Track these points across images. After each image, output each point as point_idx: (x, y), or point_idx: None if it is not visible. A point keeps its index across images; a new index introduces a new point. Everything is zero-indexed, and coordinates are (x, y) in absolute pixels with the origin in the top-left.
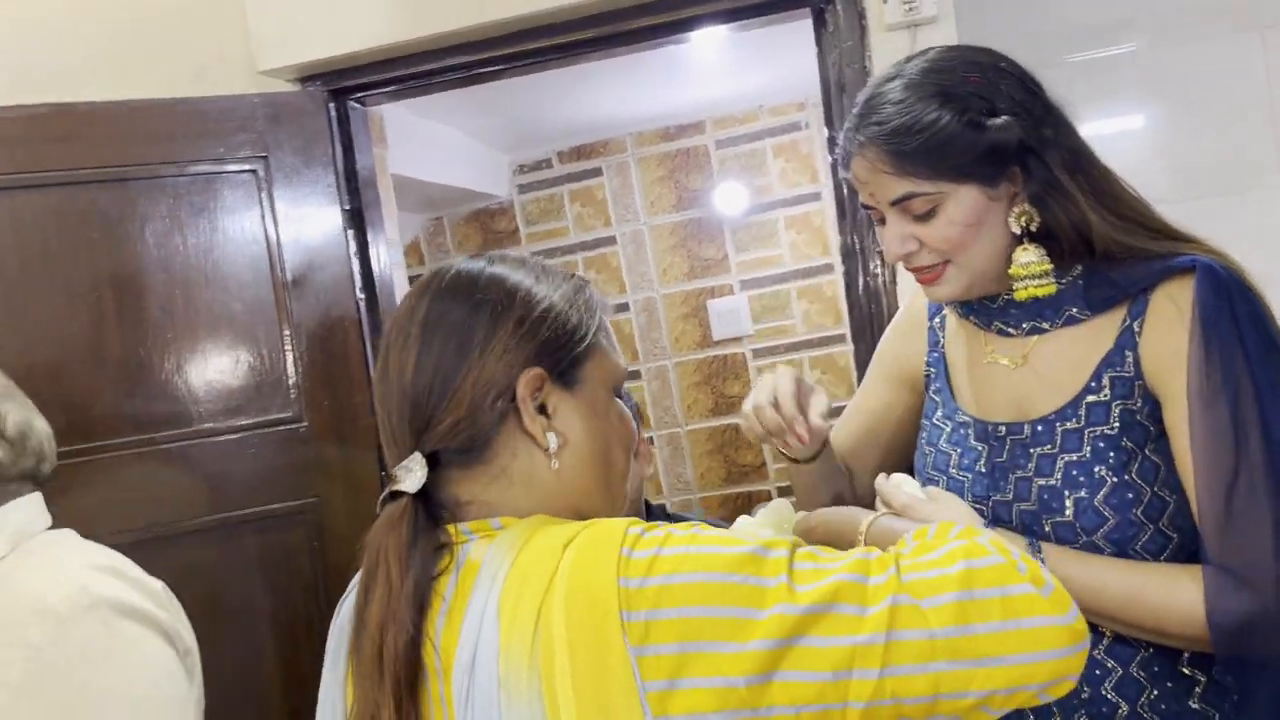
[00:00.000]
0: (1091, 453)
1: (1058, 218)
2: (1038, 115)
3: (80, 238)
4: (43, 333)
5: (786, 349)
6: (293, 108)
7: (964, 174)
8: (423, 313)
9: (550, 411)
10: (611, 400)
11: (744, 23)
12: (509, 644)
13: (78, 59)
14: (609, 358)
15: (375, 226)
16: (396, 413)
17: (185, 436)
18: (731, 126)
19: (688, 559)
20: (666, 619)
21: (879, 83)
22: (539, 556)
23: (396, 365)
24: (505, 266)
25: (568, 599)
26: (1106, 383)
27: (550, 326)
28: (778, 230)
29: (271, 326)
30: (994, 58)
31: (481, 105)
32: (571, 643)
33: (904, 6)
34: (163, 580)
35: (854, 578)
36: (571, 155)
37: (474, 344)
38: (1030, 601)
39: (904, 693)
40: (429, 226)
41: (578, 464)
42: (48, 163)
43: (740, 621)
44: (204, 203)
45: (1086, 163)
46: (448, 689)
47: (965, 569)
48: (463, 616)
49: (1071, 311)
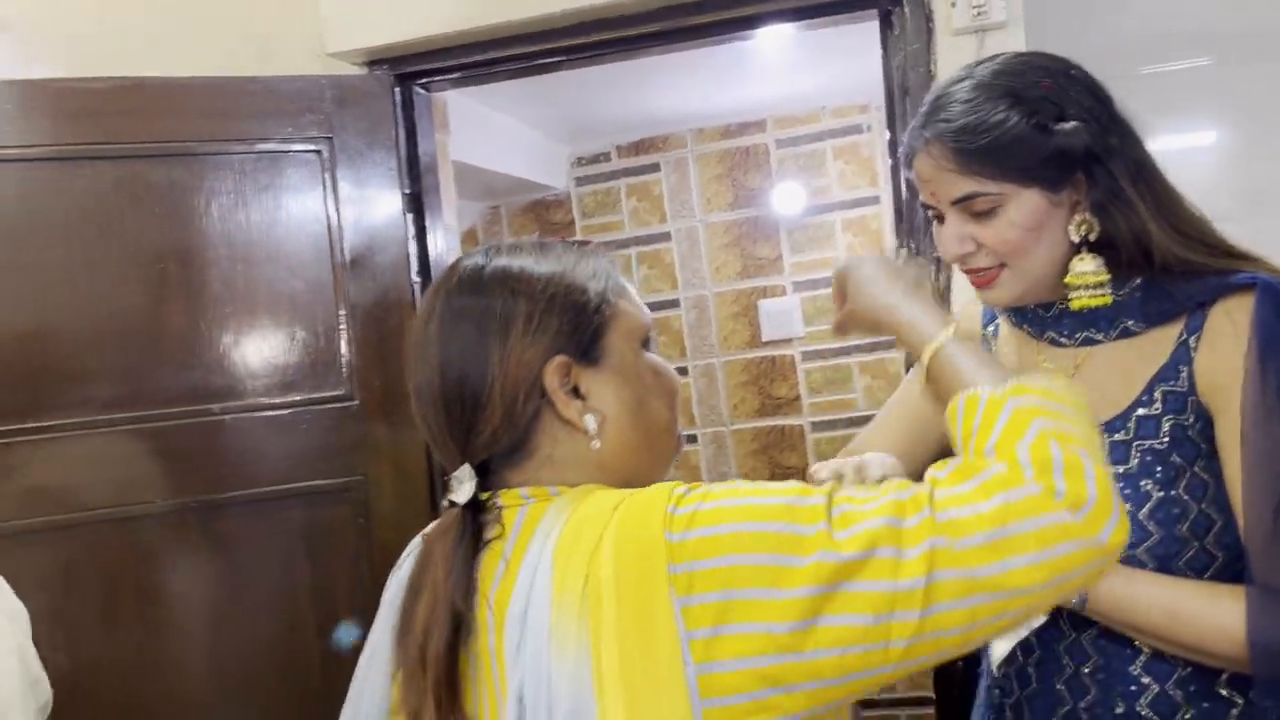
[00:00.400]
0: (1139, 466)
1: (1119, 227)
2: (1106, 124)
3: (146, 210)
4: (106, 302)
5: (836, 352)
6: (359, 91)
7: (1028, 176)
8: (437, 322)
9: (584, 393)
10: (640, 356)
11: (809, 22)
12: (560, 596)
13: (149, 35)
14: (629, 317)
15: (434, 212)
16: (434, 422)
17: (239, 410)
18: (792, 126)
19: (726, 511)
20: (708, 569)
21: (948, 83)
22: (591, 515)
23: (424, 377)
24: (504, 258)
25: (616, 553)
26: (1159, 396)
27: (562, 310)
28: (834, 232)
29: (328, 306)
30: (1065, 65)
31: (543, 96)
32: (619, 594)
33: (972, 11)
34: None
35: (890, 521)
36: (630, 149)
37: (491, 350)
38: (1063, 531)
39: (944, 626)
40: (486, 215)
41: (619, 434)
42: (118, 135)
43: (781, 569)
44: (268, 180)
45: (1151, 175)
46: (499, 641)
47: (1001, 505)
48: (518, 572)
49: (1127, 324)
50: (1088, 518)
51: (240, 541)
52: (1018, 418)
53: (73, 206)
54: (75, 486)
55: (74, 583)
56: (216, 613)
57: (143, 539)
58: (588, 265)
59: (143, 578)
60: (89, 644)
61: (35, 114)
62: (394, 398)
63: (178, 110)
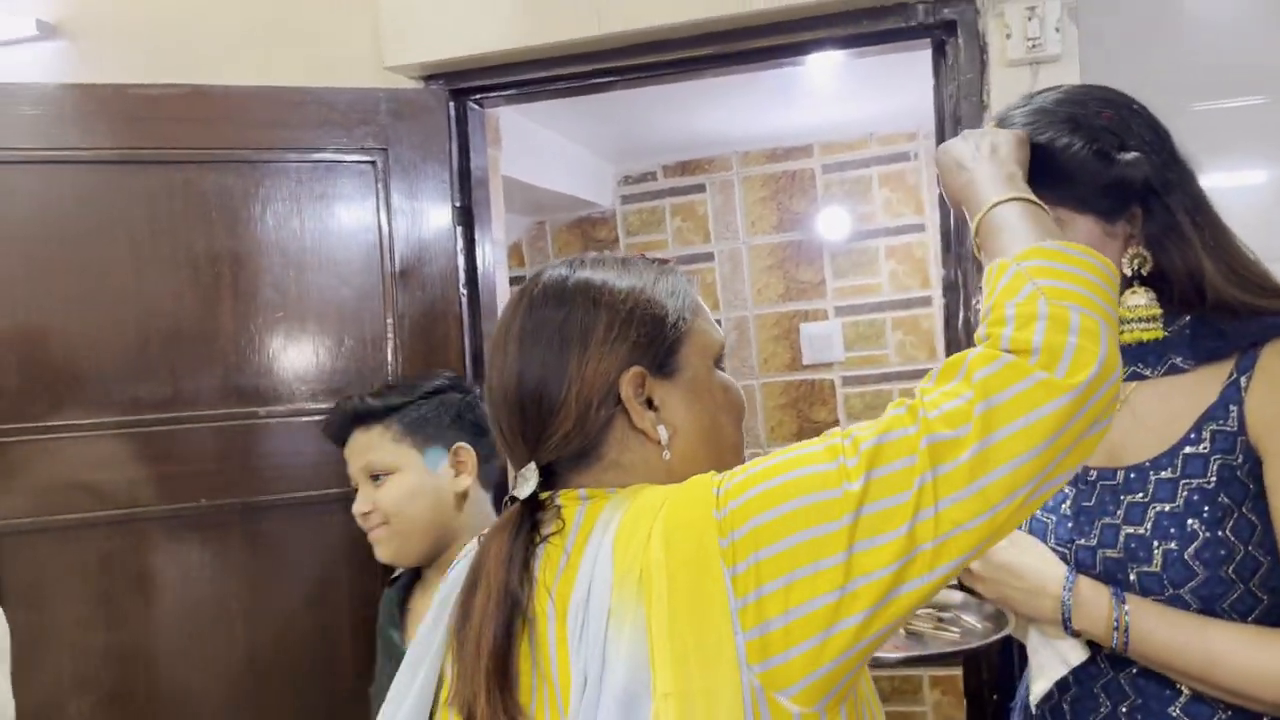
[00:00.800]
0: (1185, 504)
1: (1174, 262)
2: (1165, 158)
3: (201, 215)
4: (161, 302)
5: (877, 379)
6: (415, 104)
7: (1084, 204)
8: (518, 328)
9: (658, 404)
10: (713, 373)
11: (862, 49)
12: (621, 581)
13: (210, 45)
14: (704, 334)
15: (483, 225)
16: (507, 425)
17: (284, 414)
18: (839, 152)
19: (750, 478)
20: (744, 534)
21: (1010, 108)
22: (647, 506)
23: (499, 381)
24: (588, 270)
25: (667, 536)
26: (1207, 435)
27: (641, 323)
28: (878, 259)
29: (376, 314)
30: (1125, 99)
31: (592, 114)
32: (671, 572)
33: (1027, 43)
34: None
35: (894, 435)
36: (676, 169)
37: (570, 356)
38: (1044, 389)
39: (961, 518)
40: (531, 230)
41: (689, 448)
42: (177, 141)
43: (809, 508)
44: (323, 190)
45: (1207, 213)
46: (561, 629)
47: (982, 379)
48: (579, 563)
49: (1175, 360)
50: (1068, 370)
51: (279, 544)
52: (1017, 278)
53: (129, 209)
54: (119, 483)
55: (112, 579)
56: (252, 614)
57: (184, 537)
58: (667, 282)
59: (182, 575)
60: (126, 639)
61: (96, 117)
62: None
63: (236, 118)
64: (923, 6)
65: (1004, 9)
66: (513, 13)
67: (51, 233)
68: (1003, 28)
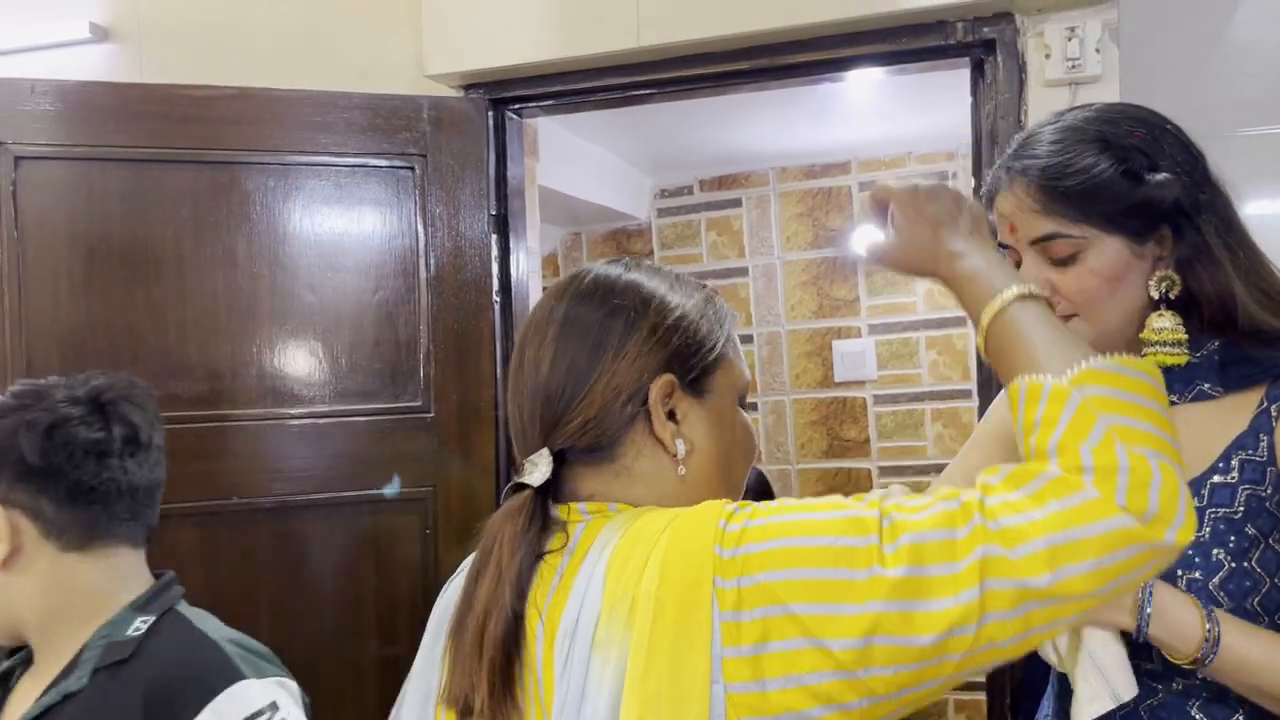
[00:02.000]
0: (1210, 534)
1: (1204, 286)
2: (1198, 180)
3: (242, 215)
4: (197, 301)
5: (910, 399)
6: (456, 113)
7: (1112, 224)
8: (561, 313)
9: (679, 418)
10: (736, 411)
11: (901, 67)
12: (609, 611)
13: (256, 50)
14: (736, 368)
15: (518, 234)
16: (528, 408)
17: (318, 415)
18: (877, 170)
19: (776, 526)
20: (757, 584)
21: (1039, 125)
22: (646, 530)
23: (532, 361)
24: (641, 274)
25: (664, 566)
26: (1236, 465)
27: (682, 335)
28: (912, 278)
29: (410, 319)
30: (1160, 119)
31: (630, 127)
32: (660, 605)
33: (1067, 63)
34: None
35: (941, 535)
36: (713, 184)
37: (608, 347)
38: (1125, 536)
39: (998, 638)
40: (567, 240)
41: (701, 471)
42: (221, 141)
43: (835, 584)
44: (363, 193)
45: (1240, 237)
46: (548, 655)
47: (1056, 512)
48: (571, 586)
49: (1203, 387)
50: (1152, 521)
51: (308, 544)
52: (1083, 414)
53: (172, 207)
54: None
55: None
56: (279, 612)
57: (214, 534)
58: (714, 308)
59: (210, 572)
60: None
61: (145, 117)
62: (469, 413)
63: (279, 121)
64: (962, 25)
65: (1044, 28)
66: (552, 24)
67: (96, 229)
68: (1042, 47)
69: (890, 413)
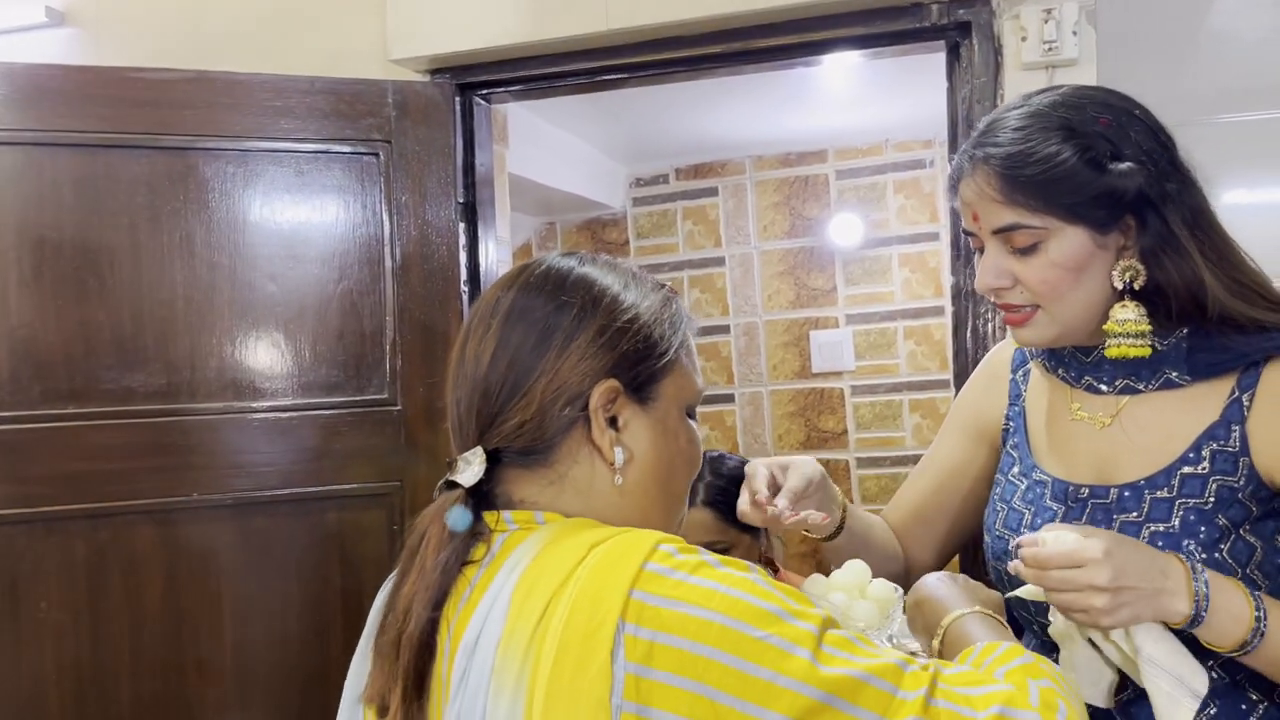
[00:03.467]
0: (1180, 525)
1: (1170, 276)
2: (1164, 168)
3: (201, 202)
4: (154, 292)
5: (887, 389)
6: (421, 97)
7: (1075, 214)
8: (506, 305)
9: (620, 425)
10: (683, 420)
11: (876, 50)
12: (510, 635)
13: (217, 34)
14: (687, 376)
15: (487, 222)
16: (466, 402)
17: (281, 409)
18: (854, 158)
19: (716, 596)
20: (676, 648)
21: (1004, 109)
22: (563, 553)
23: (473, 354)
24: (596, 269)
25: (575, 599)
26: (1207, 455)
27: (632, 338)
28: (891, 267)
29: (376, 309)
30: (1128, 103)
31: (605, 115)
32: (564, 641)
33: (1043, 46)
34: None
35: (883, 684)
36: (689, 173)
37: (552, 345)
38: None
39: None
40: (542, 230)
41: (640, 481)
42: (178, 126)
43: (759, 683)
44: (325, 181)
45: (1209, 225)
46: (449, 670)
47: (998, 715)
48: (479, 601)
49: (1170, 375)
50: None
51: (271, 541)
52: (1034, 666)
53: (127, 195)
54: (111, 475)
55: (102, 573)
56: (244, 610)
57: (173, 533)
58: (670, 311)
59: (170, 571)
60: (114, 634)
61: (97, 101)
62: (436, 405)
63: (238, 105)
64: (937, 7)
65: (1020, 10)
66: (520, 7)
67: (47, 217)
68: (1018, 30)
69: (868, 403)
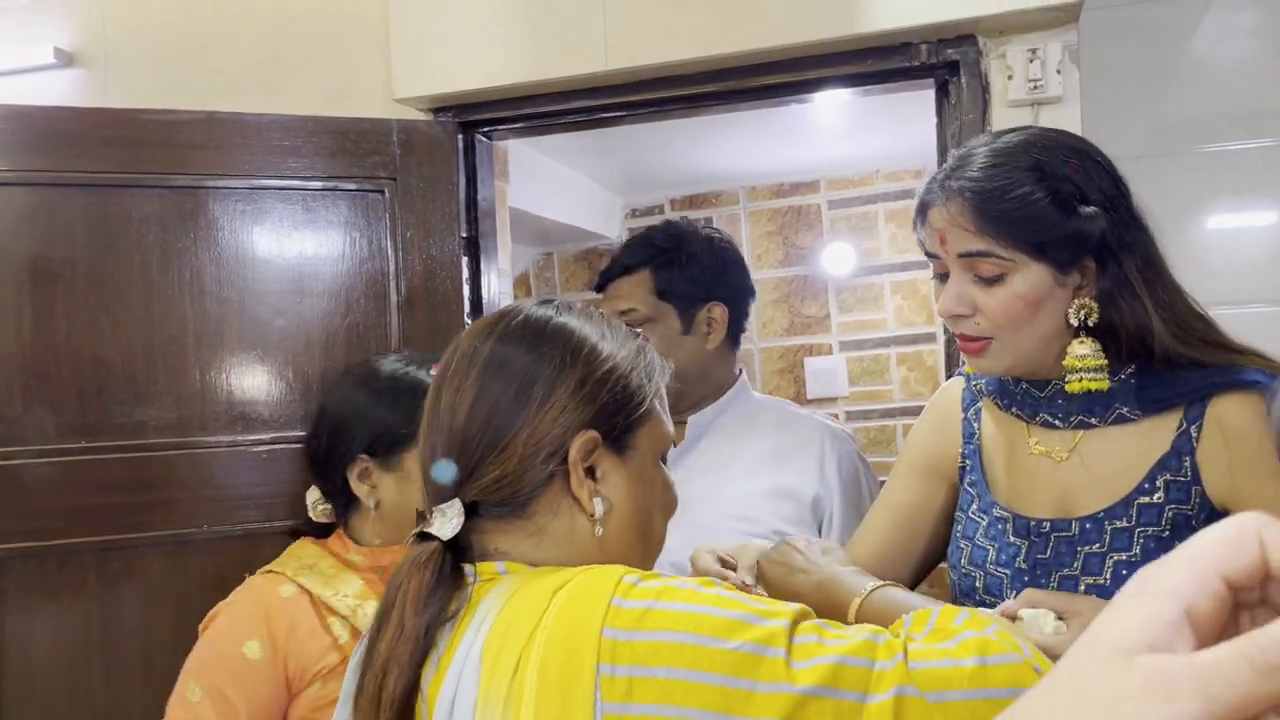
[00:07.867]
0: (1142, 553)
1: (1124, 318)
2: (1124, 215)
3: (210, 239)
4: (165, 327)
5: (881, 414)
6: (425, 136)
7: (1041, 251)
8: (485, 355)
9: (599, 476)
10: (658, 467)
11: (868, 88)
12: (487, 692)
13: (224, 74)
14: (661, 424)
15: (489, 255)
16: (442, 449)
17: (289, 440)
18: (845, 188)
19: (684, 617)
20: (654, 678)
21: (974, 144)
22: (527, 603)
23: (448, 404)
24: (573, 317)
25: (547, 646)
26: (1161, 485)
27: (610, 389)
28: (883, 294)
29: (381, 343)
30: (1091, 149)
31: (601, 148)
32: (541, 687)
33: (1029, 84)
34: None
35: (859, 661)
36: (684, 203)
37: (532, 398)
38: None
39: None
40: (539, 260)
41: (619, 530)
42: (191, 166)
43: (736, 693)
44: (332, 217)
45: (1158, 272)
46: None
47: (978, 665)
48: (452, 657)
49: (1122, 410)
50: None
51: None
52: (979, 617)
53: (138, 233)
54: (123, 508)
55: (114, 605)
56: None
57: (184, 564)
58: (645, 359)
59: (180, 603)
60: (126, 666)
61: (109, 142)
62: None
63: (247, 145)
64: (926, 47)
65: (1006, 50)
66: (521, 48)
67: (60, 255)
68: (1004, 69)
69: (862, 429)
